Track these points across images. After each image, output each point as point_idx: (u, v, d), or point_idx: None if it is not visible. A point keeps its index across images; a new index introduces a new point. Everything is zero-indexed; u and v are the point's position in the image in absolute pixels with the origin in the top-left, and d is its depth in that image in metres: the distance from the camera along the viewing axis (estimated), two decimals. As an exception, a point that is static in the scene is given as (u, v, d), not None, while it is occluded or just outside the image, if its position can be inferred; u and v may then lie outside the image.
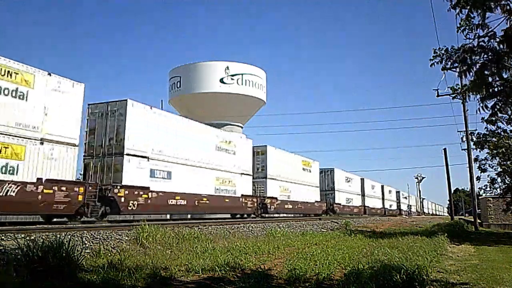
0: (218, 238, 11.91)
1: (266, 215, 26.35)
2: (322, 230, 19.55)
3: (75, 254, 6.20)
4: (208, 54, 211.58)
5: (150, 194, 16.53)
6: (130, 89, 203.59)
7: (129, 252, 8.37)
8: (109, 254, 8.06)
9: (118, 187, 15.17)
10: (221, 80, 45.35)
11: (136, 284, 5.87)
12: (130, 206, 15.46)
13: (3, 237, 8.41)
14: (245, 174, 24.18)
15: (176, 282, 6.32)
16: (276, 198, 27.11)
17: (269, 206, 25.83)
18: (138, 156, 16.35)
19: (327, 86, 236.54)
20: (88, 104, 16.55)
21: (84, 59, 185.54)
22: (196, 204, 19.30)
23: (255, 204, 24.48)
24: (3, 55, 12.01)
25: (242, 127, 48.72)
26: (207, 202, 20.00)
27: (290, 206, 29.33)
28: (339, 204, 39.64)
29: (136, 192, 15.85)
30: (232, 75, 45.84)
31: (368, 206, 49.73)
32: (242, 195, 23.38)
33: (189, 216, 23.55)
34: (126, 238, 9.90)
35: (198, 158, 19.85)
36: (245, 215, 23.99)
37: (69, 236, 8.16)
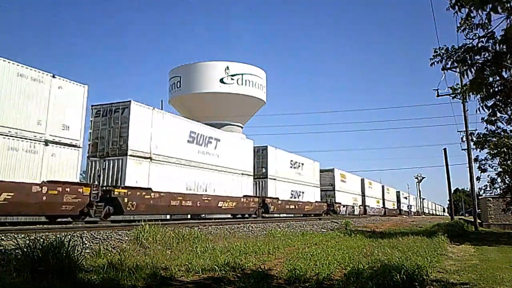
0: (218, 238, 11.91)
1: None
2: (322, 230, 19.54)
3: (75, 254, 6.20)
4: (208, 54, 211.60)
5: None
6: (130, 89, 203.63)
7: (129, 252, 8.36)
8: (109, 254, 8.05)
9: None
10: (221, 80, 45.37)
11: (136, 284, 5.86)
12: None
13: (3, 237, 8.42)
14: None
15: (176, 282, 6.32)
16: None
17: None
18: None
19: (327, 86, 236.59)
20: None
21: (84, 59, 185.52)
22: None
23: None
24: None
25: (242, 127, 48.73)
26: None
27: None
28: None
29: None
30: (232, 75, 45.86)
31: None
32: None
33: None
34: (126, 238, 9.90)
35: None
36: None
37: (69, 236, 8.16)
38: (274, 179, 27.24)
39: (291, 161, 30.45)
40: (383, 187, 59.77)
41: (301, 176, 31.63)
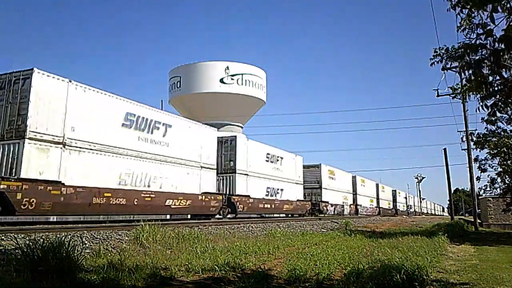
0: (218, 238, 11.91)
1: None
2: (322, 230, 19.55)
3: (75, 254, 6.20)
4: (208, 54, 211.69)
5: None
6: (130, 89, 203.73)
7: (129, 252, 8.36)
8: (109, 254, 8.05)
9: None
10: (221, 80, 45.41)
11: (136, 284, 5.86)
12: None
13: (3, 237, 8.42)
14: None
15: (176, 282, 6.32)
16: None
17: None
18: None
19: (327, 86, 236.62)
20: None
21: (84, 59, 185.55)
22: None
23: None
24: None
25: (242, 127, 48.77)
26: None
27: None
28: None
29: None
30: (232, 75, 45.89)
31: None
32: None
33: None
34: (126, 238, 9.90)
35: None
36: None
37: (69, 236, 8.16)
38: (245, 174, 23.30)
39: (268, 154, 26.54)
40: (377, 185, 56.34)
41: (279, 171, 27.61)
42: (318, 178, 35.24)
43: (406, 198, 76.34)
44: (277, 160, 27.69)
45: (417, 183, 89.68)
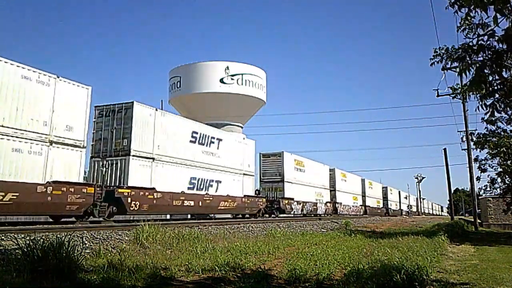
0: (218, 238, 11.90)
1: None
2: (322, 230, 19.56)
3: (75, 254, 6.20)
4: (208, 54, 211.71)
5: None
6: (130, 89, 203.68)
7: (129, 252, 8.36)
8: (109, 254, 8.05)
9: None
10: (221, 80, 45.38)
11: (136, 284, 5.86)
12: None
13: (3, 237, 8.42)
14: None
15: (176, 282, 6.32)
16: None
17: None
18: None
19: (328, 86, 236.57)
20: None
21: (84, 59, 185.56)
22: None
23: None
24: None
25: (242, 127, 48.75)
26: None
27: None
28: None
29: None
30: (232, 75, 45.86)
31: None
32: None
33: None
34: (126, 238, 9.89)
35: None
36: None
37: (69, 236, 8.16)
38: (149, 158, 17.03)
39: (195, 133, 20.04)
40: (363, 180, 50.07)
41: (215, 158, 21.46)
42: (281, 170, 28.61)
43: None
44: (212, 142, 21.34)
45: (417, 183, 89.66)
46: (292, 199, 29.30)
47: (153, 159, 17.25)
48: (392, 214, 59.21)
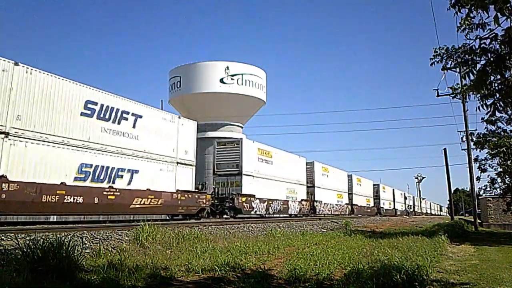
0: (218, 238, 11.91)
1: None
2: (322, 230, 19.57)
3: (75, 254, 6.20)
4: (208, 54, 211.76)
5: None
6: (130, 89, 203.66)
7: (129, 252, 8.37)
8: (109, 254, 8.05)
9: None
10: (221, 80, 45.34)
11: (136, 284, 5.86)
12: None
13: (3, 237, 8.42)
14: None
15: (176, 282, 6.32)
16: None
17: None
18: None
19: (327, 86, 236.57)
20: None
21: (84, 59, 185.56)
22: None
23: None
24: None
25: (242, 127, 48.73)
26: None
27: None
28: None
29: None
30: (232, 75, 45.83)
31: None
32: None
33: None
34: (126, 238, 9.90)
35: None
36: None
37: (69, 236, 8.17)
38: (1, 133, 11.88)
39: (91, 103, 14.61)
40: (350, 176, 44.59)
41: (129, 140, 16.17)
42: (238, 160, 23.78)
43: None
44: (123, 119, 16.09)
45: (417, 183, 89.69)
46: (253, 196, 24.26)
47: (6, 134, 11.83)
48: (384, 214, 53.13)
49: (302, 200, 31.00)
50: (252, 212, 24.45)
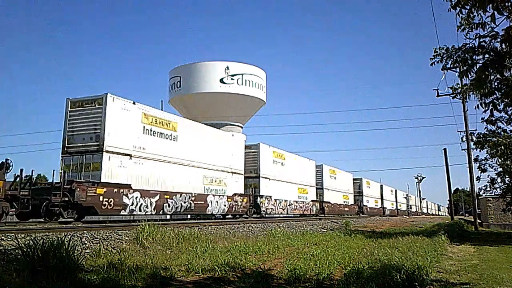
0: (218, 238, 11.91)
1: None
2: (322, 230, 19.56)
3: (75, 254, 6.21)
4: (208, 54, 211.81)
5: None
6: (130, 89, 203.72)
7: (129, 252, 8.37)
8: (109, 254, 8.05)
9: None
10: (221, 80, 45.35)
11: (136, 284, 5.86)
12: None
13: (3, 237, 8.41)
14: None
15: (176, 282, 6.32)
16: None
17: None
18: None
19: (327, 86, 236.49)
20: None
21: (84, 59, 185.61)
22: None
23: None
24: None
25: (242, 127, 48.73)
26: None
27: None
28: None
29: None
30: (232, 75, 45.84)
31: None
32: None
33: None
34: (126, 238, 9.89)
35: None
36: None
37: (69, 236, 8.17)
38: None
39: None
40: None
41: None
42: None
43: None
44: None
45: (417, 183, 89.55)
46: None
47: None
48: (369, 213, 46.66)
49: (312, 200, 32.73)
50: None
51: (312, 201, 33.24)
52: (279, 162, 28.22)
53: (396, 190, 67.61)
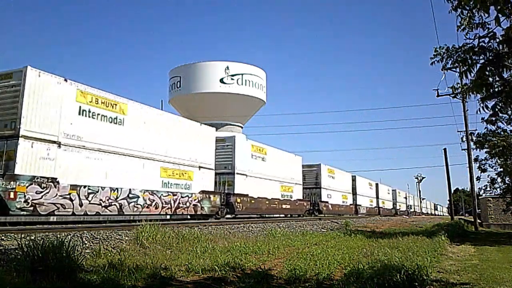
0: (218, 238, 11.90)
1: None
2: (322, 230, 19.55)
3: (75, 254, 6.20)
4: (208, 54, 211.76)
5: None
6: (130, 89, 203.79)
7: (129, 252, 8.36)
8: (109, 254, 8.05)
9: None
10: (221, 80, 45.37)
11: (136, 284, 5.86)
12: None
13: (3, 237, 8.41)
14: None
15: (176, 282, 6.31)
16: None
17: None
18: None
19: (327, 86, 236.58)
20: None
21: (84, 59, 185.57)
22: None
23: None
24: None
25: (242, 127, 48.75)
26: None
27: None
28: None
29: None
30: (232, 75, 45.85)
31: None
32: None
33: None
34: (126, 238, 9.89)
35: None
36: None
37: (69, 236, 8.17)
38: None
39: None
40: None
41: None
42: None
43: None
44: None
45: (417, 183, 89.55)
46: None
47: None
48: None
49: (299, 199, 29.02)
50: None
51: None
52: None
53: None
